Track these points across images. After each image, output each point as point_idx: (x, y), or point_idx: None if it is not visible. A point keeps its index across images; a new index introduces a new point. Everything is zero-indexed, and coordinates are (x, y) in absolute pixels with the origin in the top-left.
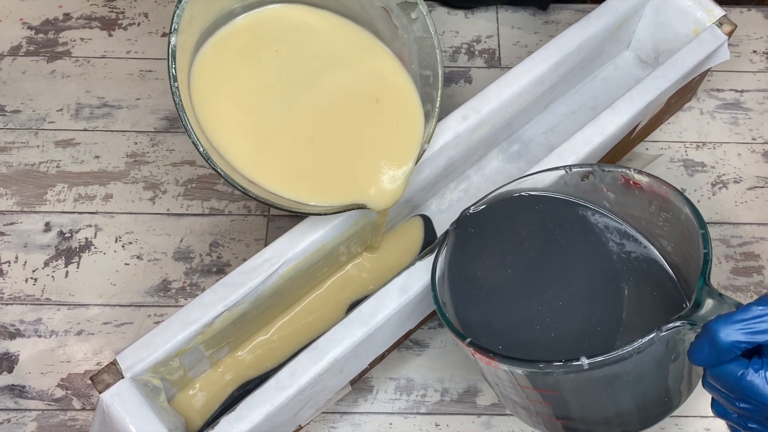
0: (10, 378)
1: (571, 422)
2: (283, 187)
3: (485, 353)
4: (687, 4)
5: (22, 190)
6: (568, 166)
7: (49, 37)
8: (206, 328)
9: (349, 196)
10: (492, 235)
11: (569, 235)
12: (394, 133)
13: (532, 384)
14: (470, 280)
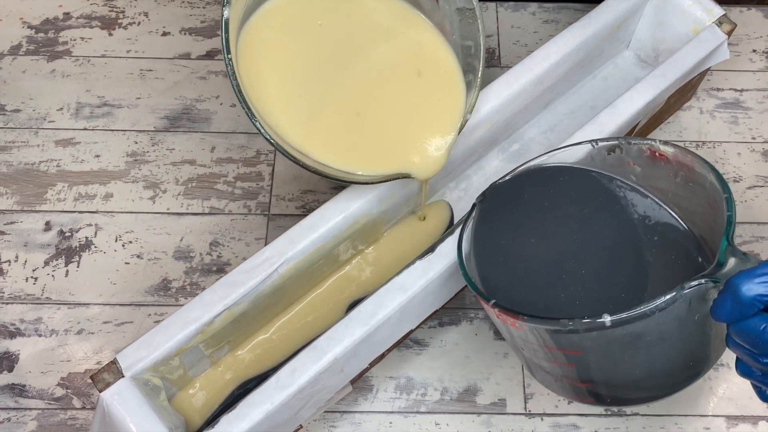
0: (11, 377)
1: (596, 386)
2: (330, 157)
3: (510, 314)
4: (687, 3)
5: (23, 190)
6: (595, 140)
7: (49, 37)
8: (206, 327)
9: (394, 166)
10: (517, 206)
11: (593, 205)
12: (437, 104)
13: (556, 344)
14: (495, 249)
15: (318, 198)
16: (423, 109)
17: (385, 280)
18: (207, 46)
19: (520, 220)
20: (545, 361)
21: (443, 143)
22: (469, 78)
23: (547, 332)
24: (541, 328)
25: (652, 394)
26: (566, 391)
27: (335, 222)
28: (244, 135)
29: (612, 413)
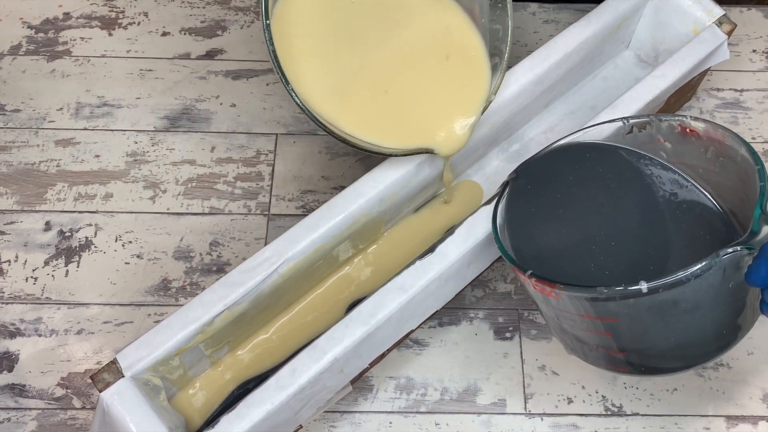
0: (11, 377)
1: (631, 355)
2: (358, 130)
3: (547, 283)
4: (687, 3)
5: (22, 190)
6: (626, 118)
7: (49, 37)
8: (206, 327)
9: (419, 141)
10: (548, 182)
11: (622, 180)
12: (463, 87)
13: (592, 312)
14: (527, 224)
15: (318, 198)
16: (449, 90)
17: (385, 280)
18: (207, 46)
19: (551, 195)
20: (581, 331)
21: (467, 122)
22: (495, 61)
23: (585, 300)
24: (579, 296)
25: (685, 363)
26: (601, 361)
27: (335, 222)
28: (244, 135)
29: (612, 413)
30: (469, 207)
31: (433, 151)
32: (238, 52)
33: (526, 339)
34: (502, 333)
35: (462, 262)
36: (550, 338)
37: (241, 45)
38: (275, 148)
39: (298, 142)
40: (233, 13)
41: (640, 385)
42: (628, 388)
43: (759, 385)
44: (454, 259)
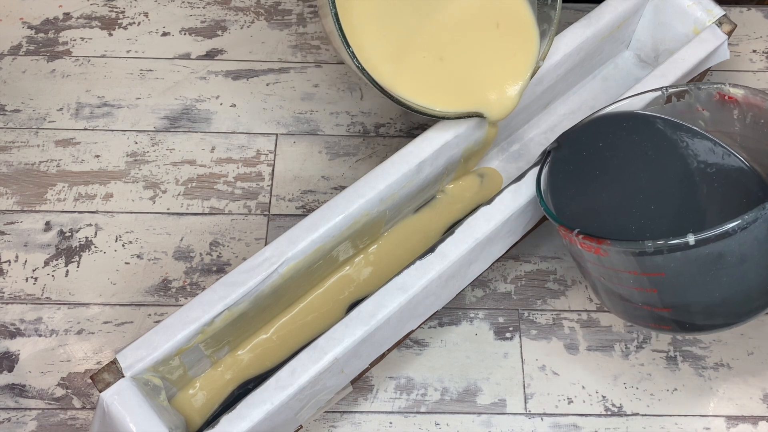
0: (11, 377)
1: (675, 311)
2: (413, 94)
3: (595, 239)
4: (687, 3)
5: (22, 190)
6: (665, 87)
7: (49, 37)
8: (206, 327)
9: (470, 105)
10: (588, 150)
11: (660, 148)
12: (512, 53)
13: (639, 267)
14: (568, 190)
15: (318, 198)
16: (499, 57)
17: (385, 280)
18: (207, 47)
19: (590, 163)
20: (626, 288)
21: (516, 87)
22: (544, 27)
23: (632, 255)
24: (627, 251)
25: (728, 320)
26: (645, 319)
27: (335, 222)
28: (244, 135)
29: (612, 413)
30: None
31: (483, 115)
32: (239, 52)
33: (526, 339)
34: (503, 333)
35: (462, 262)
36: (551, 338)
37: (242, 45)
38: (275, 149)
39: (298, 143)
40: (233, 13)
41: (640, 386)
42: (628, 388)
43: (759, 385)
44: (454, 259)
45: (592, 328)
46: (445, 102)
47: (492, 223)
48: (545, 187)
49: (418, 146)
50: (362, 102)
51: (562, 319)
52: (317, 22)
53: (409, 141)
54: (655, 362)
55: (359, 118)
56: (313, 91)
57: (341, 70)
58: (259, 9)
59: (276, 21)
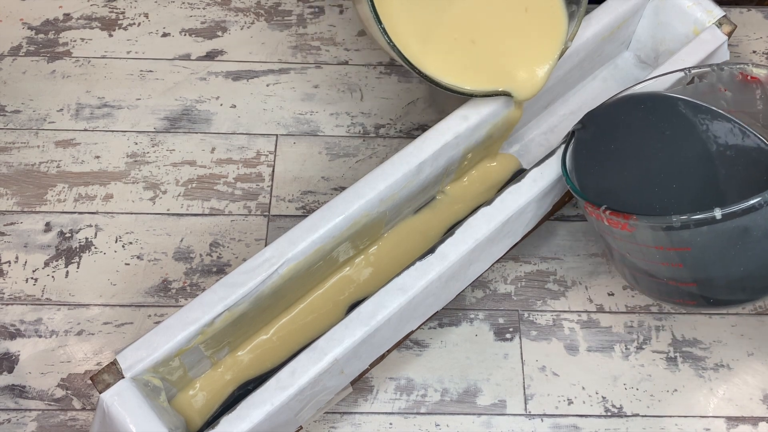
0: (11, 378)
1: (700, 286)
2: (442, 74)
3: (622, 215)
4: (687, 4)
5: (23, 190)
6: (687, 69)
7: (49, 38)
8: (206, 327)
9: (498, 84)
10: (611, 130)
11: (683, 128)
12: (540, 36)
13: (666, 242)
14: (593, 168)
15: (318, 199)
16: (528, 38)
17: (385, 281)
18: (207, 47)
19: (614, 142)
20: (653, 263)
21: (544, 68)
22: (572, 9)
23: (660, 230)
24: (655, 225)
25: (753, 295)
26: (671, 295)
27: (335, 223)
28: (244, 136)
29: (612, 414)
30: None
31: (510, 94)
32: (239, 53)
33: (526, 340)
34: (503, 334)
35: (462, 263)
36: (551, 339)
37: (242, 46)
38: (275, 149)
39: (298, 143)
40: (233, 14)
41: (640, 386)
42: (628, 389)
43: (759, 385)
44: (454, 260)
45: (592, 329)
46: (474, 81)
47: (492, 223)
48: (570, 166)
49: (418, 147)
50: (362, 103)
51: (562, 320)
52: (317, 23)
53: (409, 142)
54: (655, 363)
55: (359, 119)
56: (313, 91)
57: (341, 71)
58: (259, 10)
59: (276, 22)
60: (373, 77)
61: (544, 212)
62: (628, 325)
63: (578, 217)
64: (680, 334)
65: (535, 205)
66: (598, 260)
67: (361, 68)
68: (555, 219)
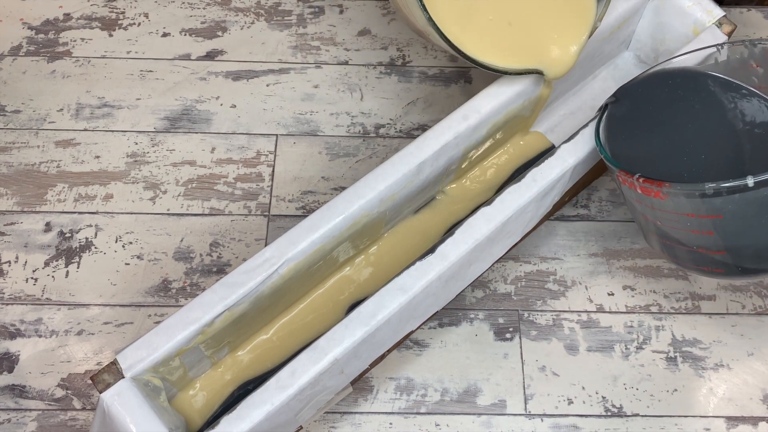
0: (11, 378)
1: (730, 254)
2: (478, 52)
3: (656, 182)
4: (687, 4)
5: (23, 190)
6: (720, 44)
7: (49, 38)
8: (206, 327)
9: (531, 62)
10: (643, 104)
11: (712, 102)
12: (572, 17)
13: (698, 210)
14: (625, 139)
15: (318, 199)
16: (560, 18)
17: (385, 280)
18: (207, 47)
19: (645, 115)
20: (684, 232)
21: (574, 47)
22: None
23: (692, 197)
24: (688, 192)
25: None
26: (699, 263)
27: (335, 223)
28: (244, 136)
29: (612, 414)
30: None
31: (542, 72)
32: (239, 53)
33: (526, 340)
34: (503, 334)
35: (462, 263)
36: (551, 339)
37: (242, 46)
38: (275, 149)
39: (298, 143)
40: (233, 14)
41: (640, 386)
42: (628, 389)
43: (759, 385)
44: (453, 260)
45: (592, 329)
46: (508, 59)
47: (492, 223)
48: (604, 137)
49: (418, 147)
50: (362, 103)
51: (562, 319)
52: (317, 23)
53: (409, 142)
54: (655, 363)
55: (359, 119)
56: (313, 91)
57: (341, 71)
58: (259, 10)
59: (276, 22)
60: (373, 77)
61: (544, 212)
62: (628, 325)
63: (578, 217)
64: (680, 334)
65: (535, 205)
66: (598, 260)
67: (361, 68)
68: (555, 219)
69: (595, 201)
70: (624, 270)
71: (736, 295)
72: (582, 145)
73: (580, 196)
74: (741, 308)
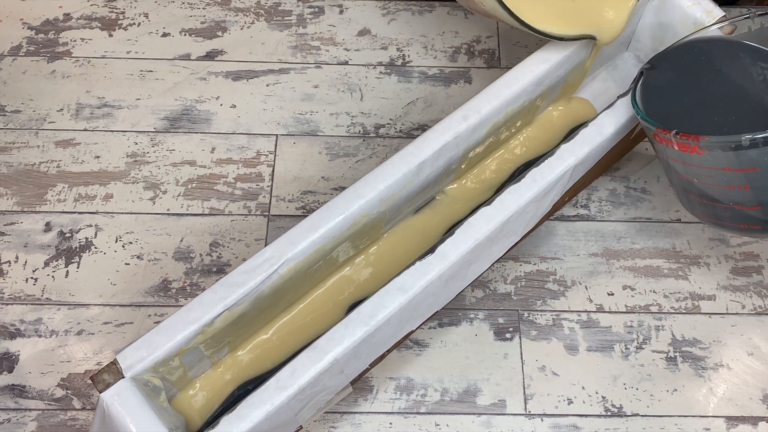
0: (10, 378)
1: (766, 209)
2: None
3: (692, 137)
4: (687, 4)
5: (23, 190)
6: (753, 12)
7: (49, 38)
8: (206, 327)
9: (584, 28)
10: (676, 70)
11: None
12: None
13: (734, 163)
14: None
15: (318, 199)
16: None
17: (385, 280)
18: (207, 47)
19: (679, 80)
20: (719, 187)
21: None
22: None
23: (728, 150)
24: (724, 145)
25: None
26: (735, 220)
27: (335, 223)
28: (244, 136)
29: (612, 414)
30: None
31: (594, 37)
32: (239, 53)
33: (526, 340)
34: (502, 334)
35: (462, 263)
36: (550, 339)
37: (242, 46)
38: (275, 149)
39: (298, 143)
40: (233, 14)
41: (640, 386)
42: (628, 388)
43: (759, 385)
44: (454, 260)
45: (592, 329)
46: (563, 26)
47: (492, 223)
48: (640, 101)
49: (418, 147)
50: (362, 103)
51: (562, 319)
52: (317, 23)
53: (409, 142)
54: (655, 363)
55: (359, 119)
56: (313, 91)
57: (341, 71)
58: (259, 10)
59: (276, 22)
60: (373, 77)
61: (544, 212)
62: (627, 324)
63: (578, 217)
64: (680, 334)
65: (534, 205)
66: (598, 260)
67: (361, 68)
68: (555, 219)
69: (595, 201)
70: (624, 270)
71: (736, 295)
72: (581, 146)
73: (580, 196)
74: (741, 308)
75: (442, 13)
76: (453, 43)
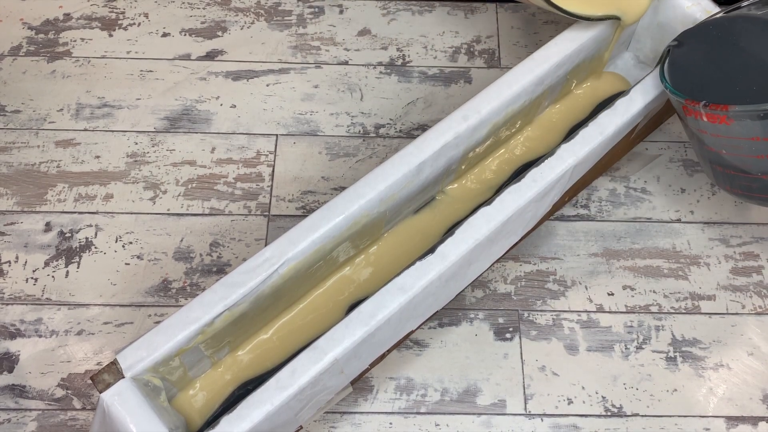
0: (11, 378)
1: None
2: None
3: (721, 107)
4: (686, 4)
5: (23, 190)
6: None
7: (49, 38)
8: (206, 327)
9: (610, 9)
10: (703, 46)
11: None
12: None
13: (761, 132)
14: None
15: (318, 199)
16: None
17: (385, 280)
18: (207, 47)
19: (706, 55)
20: (747, 157)
21: None
22: None
23: (756, 119)
24: (753, 113)
25: None
26: (763, 191)
27: (335, 223)
28: (244, 136)
29: (612, 414)
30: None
31: (618, 18)
32: (239, 53)
33: (526, 340)
34: (502, 334)
35: (462, 263)
36: (550, 339)
37: (242, 46)
38: (275, 149)
39: (298, 143)
40: (233, 14)
41: (640, 386)
42: (628, 388)
43: (759, 385)
44: (453, 260)
45: (592, 329)
46: (588, 7)
47: (492, 223)
48: (668, 75)
49: (418, 147)
50: (362, 103)
51: (562, 319)
52: (317, 23)
53: (409, 142)
54: (655, 363)
55: (359, 119)
56: (313, 91)
57: (341, 71)
58: (259, 10)
59: (276, 22)
60: (373, 77)
61: (543, 212)
62: (627, 325)
63: (578, 217)
64: (680, 334)
65: (534, 205)
66: (598, 260)
67: (361, 68)
68: (555, 219)
69: (595, 201)
70: (624, 270)
71: (736, 295)
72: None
73: (580, 196)
74: (741, 308)
75: (442, 13)
76: (453, 43)
